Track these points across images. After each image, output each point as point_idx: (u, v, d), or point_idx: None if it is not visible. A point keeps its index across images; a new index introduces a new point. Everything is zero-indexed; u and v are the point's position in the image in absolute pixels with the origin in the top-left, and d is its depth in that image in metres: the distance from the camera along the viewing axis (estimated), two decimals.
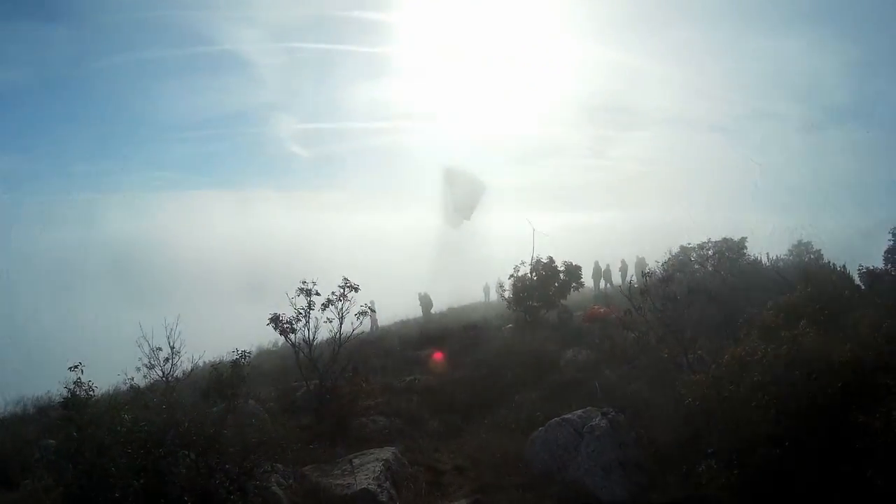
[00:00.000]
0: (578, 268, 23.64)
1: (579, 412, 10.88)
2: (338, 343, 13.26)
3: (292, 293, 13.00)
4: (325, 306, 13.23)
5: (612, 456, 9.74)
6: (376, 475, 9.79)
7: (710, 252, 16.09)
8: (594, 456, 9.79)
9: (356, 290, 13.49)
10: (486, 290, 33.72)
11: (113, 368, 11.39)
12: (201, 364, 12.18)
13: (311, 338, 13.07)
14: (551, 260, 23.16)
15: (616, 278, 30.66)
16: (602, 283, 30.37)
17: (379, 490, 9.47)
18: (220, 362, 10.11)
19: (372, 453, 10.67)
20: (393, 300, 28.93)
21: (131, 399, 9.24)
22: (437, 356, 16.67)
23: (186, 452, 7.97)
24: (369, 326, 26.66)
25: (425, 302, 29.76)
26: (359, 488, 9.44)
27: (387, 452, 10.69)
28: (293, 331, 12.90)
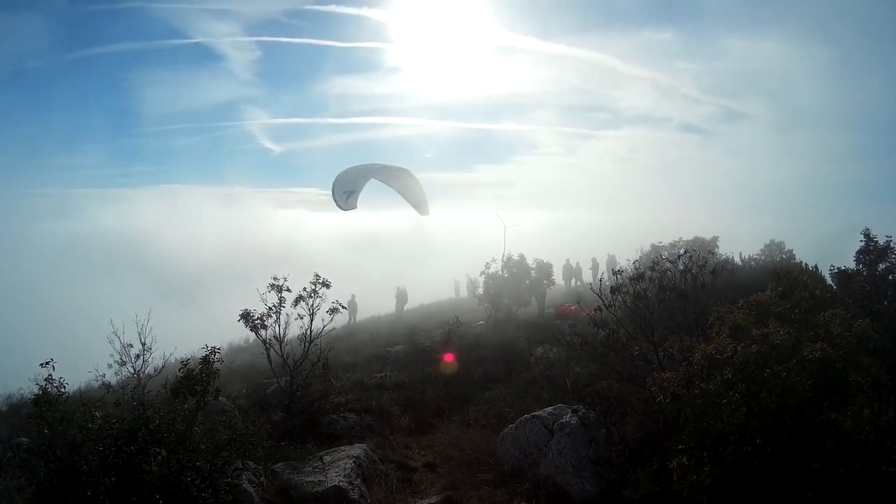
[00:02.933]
0: (549, 265, 23.79)
1: (550, 409, 10.88)
2: (308, 339, 13.10)
3: (263, 289, 12.84)
4: (296, 302, 13.05)
5: (583, 453, 9.73)
6: (347, 472, 9.69)
7: (681, 251, 16.20)
8: (565, 453, 9.77)
9: (327, 286, 13.33)
10: (457, 287, 33.79)
11: (85, 365, 11.18)
12: (172, 361, 11.99)
13: (282, 334, 12.90)
14: (522, 257, 23.27)
15: (587, 276, 30.91)
16: (573, 281, 30.60)
17: (350, 487, 9.37)
18: (191, 358, 9.94)
19: (343, 450, 10.57)
20: (363, 296, 28.90)
21: (102, 396, 9.05)
22: (448, 357, 16.69)
23: (157, 450, 7.83)
24: (348, 319, 26.80)
25: (401, 297, 29.72)
26: (330, 485, 9.32)
27: (357, 449, 10.59)
28: (264, 327, 12.72)
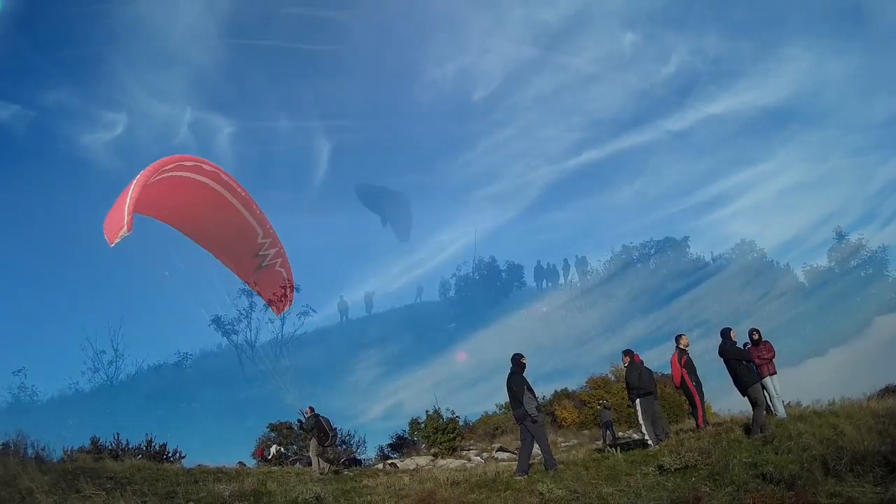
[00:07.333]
0: (520, 267, 23.78)
1: None
2: (280, 343, 12.95)
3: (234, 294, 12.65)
4: (266, 307, 12.84)
5: None
6: None
7: (651, 251, 16.27)
8: None
9: (296, 290, 13.15)
10: (419, 291, 33.76)
11: (57, 373, 10.91)
12: (145, 367, 11.79)
13: (254, 338, 12.74)
14: (493, 259, 23.23)
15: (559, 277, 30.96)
16: (544, 283, 30.70)
17: None
18: (163, 365, 9.79)
19: None
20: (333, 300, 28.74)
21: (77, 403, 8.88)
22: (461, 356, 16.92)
23: None
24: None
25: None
26: None
27: None
28: (234, 332, 12.54)
